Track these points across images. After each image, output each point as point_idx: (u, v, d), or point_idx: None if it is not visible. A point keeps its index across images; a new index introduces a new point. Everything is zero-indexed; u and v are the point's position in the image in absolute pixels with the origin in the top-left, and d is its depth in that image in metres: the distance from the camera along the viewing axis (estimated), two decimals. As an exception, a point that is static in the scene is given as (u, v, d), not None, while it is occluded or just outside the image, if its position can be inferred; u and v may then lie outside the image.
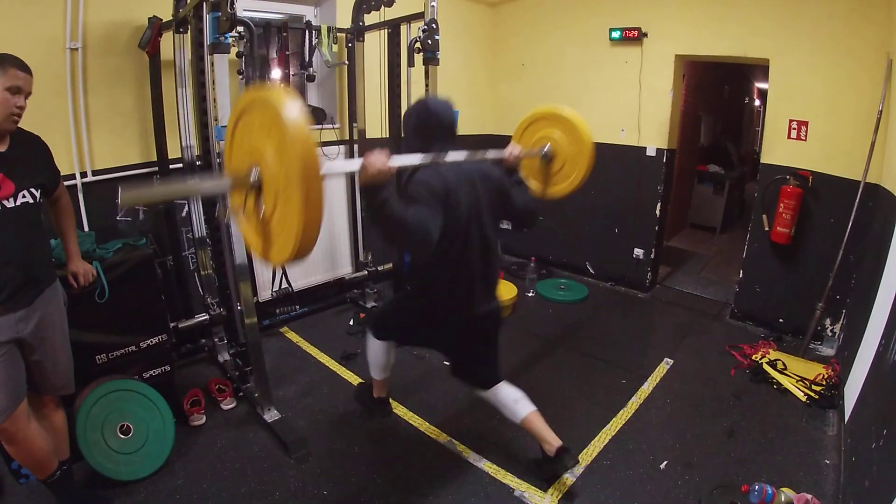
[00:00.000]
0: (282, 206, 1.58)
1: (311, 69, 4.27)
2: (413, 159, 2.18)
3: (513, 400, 2.80)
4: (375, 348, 3.02)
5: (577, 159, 2.98)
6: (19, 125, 2.13)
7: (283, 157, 1.53)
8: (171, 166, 3.69)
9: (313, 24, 4.29)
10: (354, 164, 1.92)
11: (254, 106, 1.66)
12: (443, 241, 2.18)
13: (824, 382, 3.63)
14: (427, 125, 2.40)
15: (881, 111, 3.63)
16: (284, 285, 4.42)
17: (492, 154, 2.52)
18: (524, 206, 2.59)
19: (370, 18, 4.31)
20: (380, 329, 2.98)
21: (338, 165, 2.06)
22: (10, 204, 2.09)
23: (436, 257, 2.29)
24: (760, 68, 5.40)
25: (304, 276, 4.70)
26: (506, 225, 2.71)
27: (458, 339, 2.74)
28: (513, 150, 2.60)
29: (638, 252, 5.50)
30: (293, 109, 1.50)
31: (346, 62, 4.54)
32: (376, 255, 4.97)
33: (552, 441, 2.73)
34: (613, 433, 3.24)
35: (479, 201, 2.40)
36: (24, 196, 2.14)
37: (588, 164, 2.95)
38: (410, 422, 3.32)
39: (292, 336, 4.43)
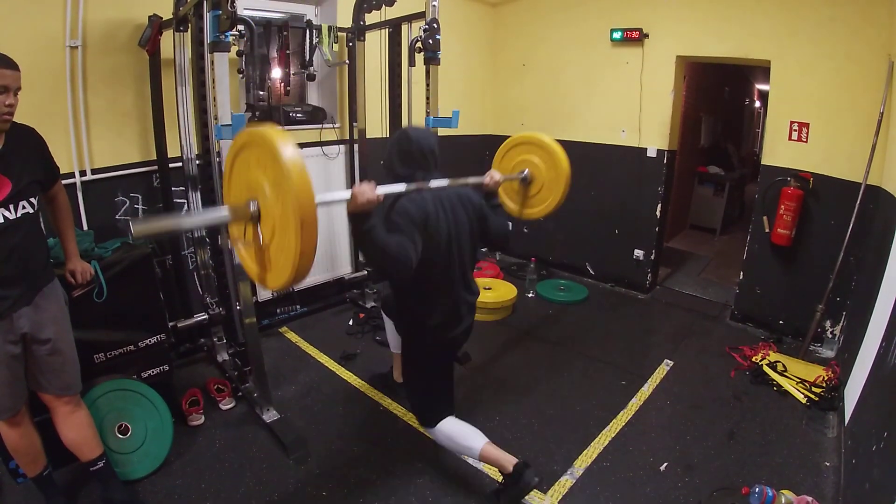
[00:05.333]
0: (279, 235, 1.72)
1: (311, 68, 4.27)
2: (398, 188, 2.33)
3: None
4: (450, 432, 2.72)
5: (553, 185, 3.18)
6: (14, 119, 2.11)
7: (280, 191, 1.66)
8: (170, 165, 3.68)
9: (314, 23, 4.29)
10: (345, 194, 2.08)
11: (251, 143, 1.79)
12: (425, 263, 2.33)
13: (824, 384, 3.62)
14: (409, 153, 2.49)
15: (882, 113, 3.63)
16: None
17: (472, 180, 2.69)
18: (498, 231, 2.73)
19: (371, 18, 4.30)
20: (429, 410, 2.78)
21: (329, 196, 2.16)
22: (11, 216, 2.10)
23: (419, 279, 2.39)
24: (761, 70, 5.40)
25: (303, 276, 4.69)
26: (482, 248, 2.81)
27: (450, 356, 2.87)
28: (493, 175, 2.76)
29: (638, 253, 5.49)
30: (288, 148, 1.62)
31: (347, 61, 4.53)
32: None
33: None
34: (613, 435, 3.23)
35: (458, 226, 2.52)
36: (24, 207, 2.15)
37: (564, 189, 3.15)
38: (410, 422, 3.31)
39: (291, 336, 4.42)
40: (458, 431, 2.71)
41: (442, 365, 2.80)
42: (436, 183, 2.45)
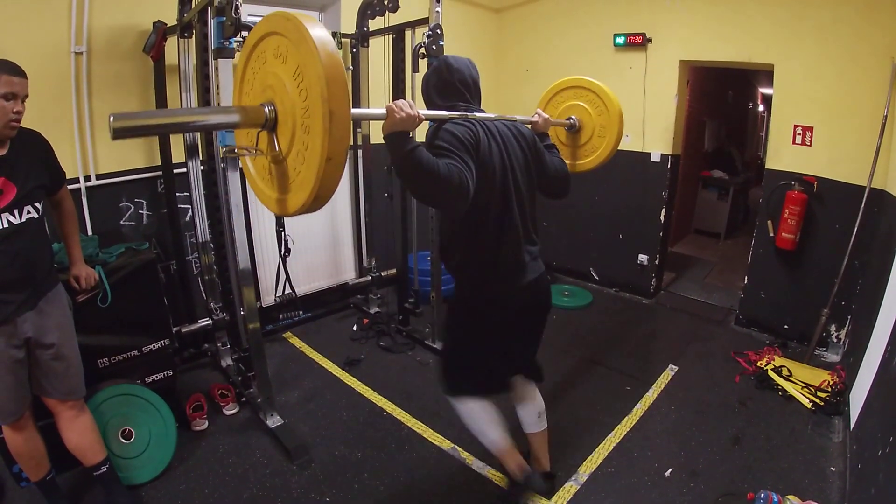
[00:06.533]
0: (300, 140, 1.44)
1: (315, 74, 4.27)
2: (439, 113, 2.10)
3: (537, 413, 2.65)
4: (471, 407, 2.53)
5: (604, 131, 2.94)
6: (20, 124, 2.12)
7: (306, 78, 1.38)
8: (175, 171, 3.68)
9: (318, 29, 4.29)
10: (379, 111, 1.81)
11: (270, 31, 1.53)
12: (480, 201, 2.03)
13: (830, 389, 3.61)
14: (449, 83, 2.24)
15: (886, 116, 3.62)
16: (288, 290, 4.42)
17: (520, 118, 2.42)
18: (557, 171, 2.45)
19: (375, 24, 4.31)
20: (454, 379, 2.54)
21: (362, 111, 1.93)
22: (16, 220, 2.11)
23: (476, 219, 2.15)
24: (765, 73, 5.40)
25: (307, 282, 4.70)
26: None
27: (517, 321, 2.41)
28: (541, 113, 2.52)
29: (642, 258, 5.48)
30: (316, 28, 1.37)
31: (351, 67, 4.55)
32: (380, 261, 4.97)
33: (544, 463, 2.72)
34: (618, 440, 3.22)
35: (513, 158, 2.22)
36: (28, 212, 2.16)
37: (617, 135, 2.91)
38: (414, 428, 3.31)
39: (295, 341, 4.42)
40: (483, 413, 2.51)
41: (495, 332, 2.38)
42: (481, 115, 2.18)
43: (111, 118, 1.26)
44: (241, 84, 1.70)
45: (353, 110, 1.51)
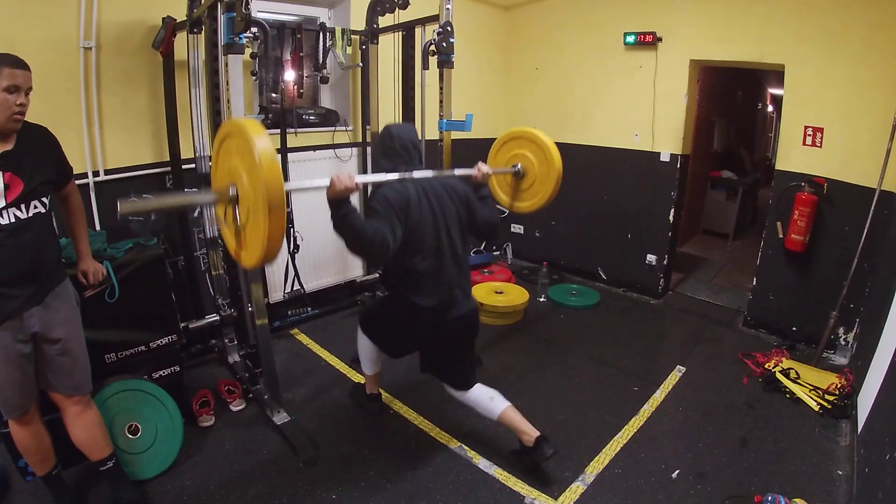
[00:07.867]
0: (252, 218, 1.90)
1: (324, 71, 4.27)
2: (378, 177, 2.58)
3: (488, 398, 2.93)
4: (365, 343, 3.18)
5: (545, 179, 3.27)
6: (26, 119, 2.12)
7: (253, 179, 1.84)
8: (183, 166, 3.69)
9: (327, 25, 4.28)
10: (323, 182, 2.25)
11: (232, 133, 1.99)
12: (416, 246, 2.56)
13: (837, 392, 3.59)
14: (391, 148, 2.68)
15: (898, 118, 3.59)
16: (296, 287, 4.42)
17: (460, 172, 2.84)
18: (486, 220, 2.86)
19: (384, 21, 4.31)
20: (367, 328, 3.15)
21: (307, 183, 2.42)
22: (22, 215, 2.11)
23: (411, 263, 2.60)
24: (774, 74, 5.38)
25: (315, 279, 4.70)
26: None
27: (437, 341, 2.89)
28: (481, 168, 2.89)
29: (651, 258, 5.46)
30: (262, 139, 1.80)
31: (360, 64, 4.54)
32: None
33: (530, 432, 2.83)
34: (625, 441, 3.21)
35: (445, 213, 2.67)
36: (35, 207, 2.16)
37: (555, 185, 3.23)
38: (421, 426, 3.31)
39: (303, 338, 4.43)
40: (369, 351, 3.19)
41: (410, 336, 2.92)
42: (419, 174, 2.61)
43: (118, 204, 1.89)
44: (217, 165, 2.16)
45: (299, 184, 2.50)
